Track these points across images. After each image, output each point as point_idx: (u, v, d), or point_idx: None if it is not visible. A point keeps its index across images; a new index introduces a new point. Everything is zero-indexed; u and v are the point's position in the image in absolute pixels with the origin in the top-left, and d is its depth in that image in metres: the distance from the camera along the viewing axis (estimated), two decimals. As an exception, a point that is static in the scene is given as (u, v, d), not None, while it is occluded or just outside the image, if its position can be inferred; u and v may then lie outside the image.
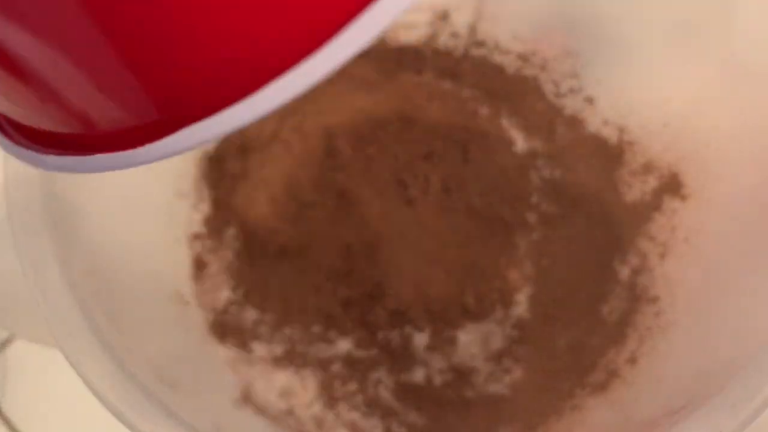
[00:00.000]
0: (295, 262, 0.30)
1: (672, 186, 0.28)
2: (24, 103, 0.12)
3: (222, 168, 0.32)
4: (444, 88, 0.34)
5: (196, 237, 0.31)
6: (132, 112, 0.11)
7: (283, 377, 0.29)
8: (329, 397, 0.29)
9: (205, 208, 0.31)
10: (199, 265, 0.30)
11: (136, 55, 0.10)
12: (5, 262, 0.21)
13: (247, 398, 0.27)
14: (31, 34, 0.10)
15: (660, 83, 0.28)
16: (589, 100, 0.32)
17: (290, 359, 0.30)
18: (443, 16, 0.33)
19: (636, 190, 0.30)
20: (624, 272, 0.29)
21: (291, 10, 0.09)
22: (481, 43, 0.33)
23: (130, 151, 0.11)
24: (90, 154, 0.11)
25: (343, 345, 0.30)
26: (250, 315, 0.30)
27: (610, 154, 0.31)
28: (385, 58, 0.34)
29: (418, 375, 0.30)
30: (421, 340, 0.30)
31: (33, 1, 0.09)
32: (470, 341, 0.30)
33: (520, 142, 0.34)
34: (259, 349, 0.30)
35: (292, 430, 0.27)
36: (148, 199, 0.28)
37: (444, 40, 0.34)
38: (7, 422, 0.31)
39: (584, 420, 0.26)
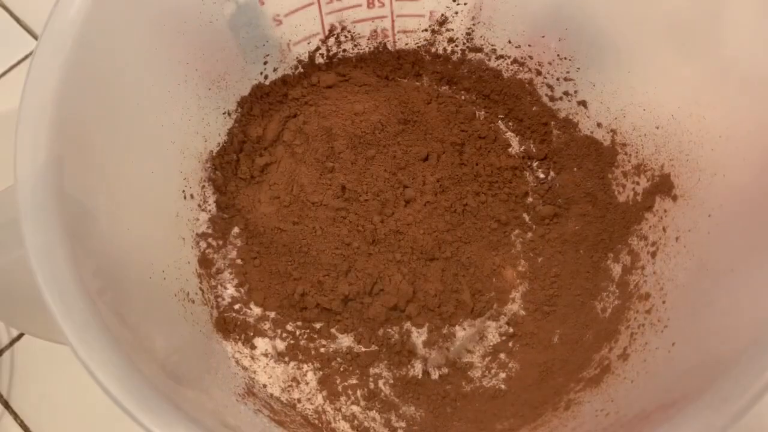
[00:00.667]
0: (297, 261, 0.31)
1: (663, 186, 0.29)
2: None
3: (227, 170, 0.32)
4: (442, 92, 0.35)
5: (202, 236, 0.31)
6: None
7: (285, 372, 0.30)
8: (330, 392, 0.29)
9: (211, 208, 0.32)
10: (205, 264, 0.31)
11: None
12: (16, 260, 0.21)
13: (250, 392, 0.28)
14: None
15: (652, 87, 0.29)
16: (583, 103, 0.32)
17: (292, 355, 0.30)
18: (441, 22, 0.33)
19: (628, 190, 0.30)
20: (616, 270, 0.30)
21: None
22: (477, 49, 0.34)
23: None
24: None
25: (344, 341, 0.30)
26: (254, 312, 0.31)
27: (603, 156, 0.32)
28: (385, 63, 0.35)
29: (417, 370, 0.30)
30: (419, 336, 0.31)
31: None
32: (467, 337, 0.31)
33: (516, 144, 0.34)
34: (262, 344, 0.30)
35: (294, 423, 0.28)
36: (156, 200, 0.28)
37: (442, 46, 0.34)
38: (16, 417, 0.32)
39: (578, 414, 0.26)
